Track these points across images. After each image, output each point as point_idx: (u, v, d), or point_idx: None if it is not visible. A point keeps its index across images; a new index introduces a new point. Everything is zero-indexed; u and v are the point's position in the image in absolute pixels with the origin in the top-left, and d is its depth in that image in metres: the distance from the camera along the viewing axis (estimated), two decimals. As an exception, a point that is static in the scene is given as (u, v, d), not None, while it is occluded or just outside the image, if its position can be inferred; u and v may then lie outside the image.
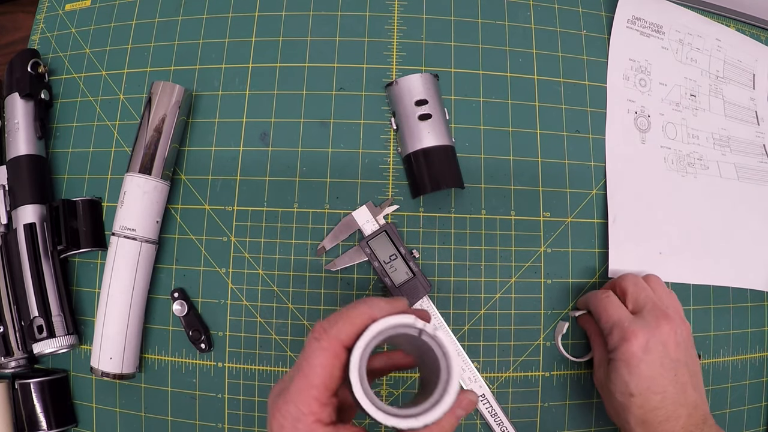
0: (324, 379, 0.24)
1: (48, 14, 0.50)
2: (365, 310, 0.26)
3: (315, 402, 0.24)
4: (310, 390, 0.24)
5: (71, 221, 0.42)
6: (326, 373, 0.24)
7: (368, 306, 0.26)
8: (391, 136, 0.44)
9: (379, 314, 0.26)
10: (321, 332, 0.25)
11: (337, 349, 0.25)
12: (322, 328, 0.25)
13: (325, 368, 0.24)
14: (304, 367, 0.25)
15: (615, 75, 0.46)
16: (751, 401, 0.45)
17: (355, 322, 0.25)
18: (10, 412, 0.40)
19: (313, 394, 0.24)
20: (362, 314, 0.25)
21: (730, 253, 0.45)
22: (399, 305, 0.27)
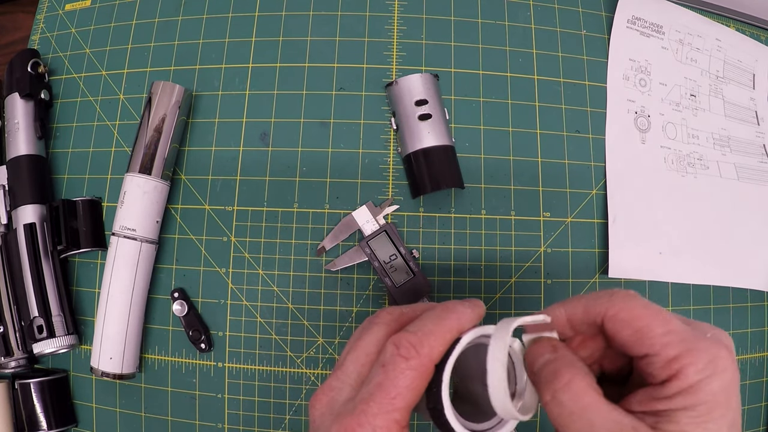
0: (409, 402, 0.22)
1: (48, 14, 0.50)
2: (455, 324, 0.23)
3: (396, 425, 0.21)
4: (393, 413, 0.21)
5: (71, 221, 0.42)
6: (414, 396, 0.22)
7: (457, 318, 0.23)
8: (391, 136, 0.44)
9: (467, 325, 0.24)
10: (410, 350, 0.22)
11: (429, 368, 0.22)
12: (410, 344, 0.22)
13: (413, 390, 0.22)
14: (387, 386, 0.22)
15: (615, 75, 0.46)
16: (751, 401, 0.45)
17: (447, 337, 0.23)
18: (10, 412, 0.40)
19: (395, 418, 0.21)
20: (453, 328, 0.23)
21: (730, 253, 0.45)
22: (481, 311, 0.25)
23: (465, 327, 0.23)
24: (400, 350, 0.22)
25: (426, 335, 0.22)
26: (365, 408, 0.21)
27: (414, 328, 0.23)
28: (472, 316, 0.24)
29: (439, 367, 0.23)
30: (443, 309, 0.24)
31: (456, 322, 0.23)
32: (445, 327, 0.23)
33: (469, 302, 0.25)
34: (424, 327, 0.23)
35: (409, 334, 0.23)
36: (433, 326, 0.23)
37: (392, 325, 0.25)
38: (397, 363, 0.22)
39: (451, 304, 0.24)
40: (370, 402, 0.21)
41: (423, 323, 0.23)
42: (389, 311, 0.26)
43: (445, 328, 0.23)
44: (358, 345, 0.24)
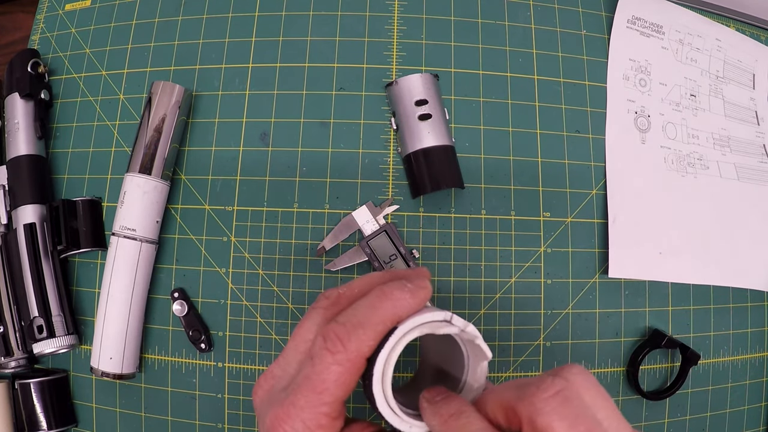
0: (338, 397, 0.21)
1: (48, 14, 0.50)
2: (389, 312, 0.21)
3: (326, 418, 0.21)
4: (321, 407, 0.21)
5: (71, 221, 0.42)
6: (343, 391, 0.21)
7: (392, 304, 0.21)
8: (391, 136, 0.44)
9: (404, 314, 0.22)
10: (337, 344, 0.21)
11: (358, 364, 0.21)
12: (337, 338, 0.21)
13: (341, 385, 0.21)
14: (314, 381, 0.21)
15: (615, 75, 0.46)
16: (751, 401, 0.45)
17: (379, 329, 0.21)
18: (10, 412, 0.40)
19: (324, 411, 0.21)
20: (386, 319, 0.21)
21: (730, 253, 0.45)
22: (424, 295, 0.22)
23: (402, 316, 0.22)
24: (326, 343, 0.21)
25: (354, 328, 0.21)
26: (294, 400, 0.21)
27: (344, 319, 0.22)
28: (411, 303, 0.22)
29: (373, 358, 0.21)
30: (377, 296, 0.22)
31: (390, 311, 0.21)
32: (377, 318, 0.21)
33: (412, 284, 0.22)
34: (354, 318, 0.21)
35: (338, 326, 0.21)
36: (364, 317, 0.21)
37: (331, 309, 0.23)
38: (324, 357, 0.21)
39: (388, 288, 0.22)
40: (298, 394, 0.21)
41: (354, 313, 0.22)
42: (327, 295, 0.24)
43: (377, 319, 0.21)
44: (297, 332, 0.24)
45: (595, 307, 0.43)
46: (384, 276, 0.24)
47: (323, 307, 0.24)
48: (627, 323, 0.43)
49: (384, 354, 0.21)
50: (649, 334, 0.43)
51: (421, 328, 0.22)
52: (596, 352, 0.43)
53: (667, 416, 0.43)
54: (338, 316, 0.22)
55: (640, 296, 0.44)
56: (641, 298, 0.44)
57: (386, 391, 0.21)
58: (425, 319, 0.21)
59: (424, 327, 0.22)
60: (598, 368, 0.43)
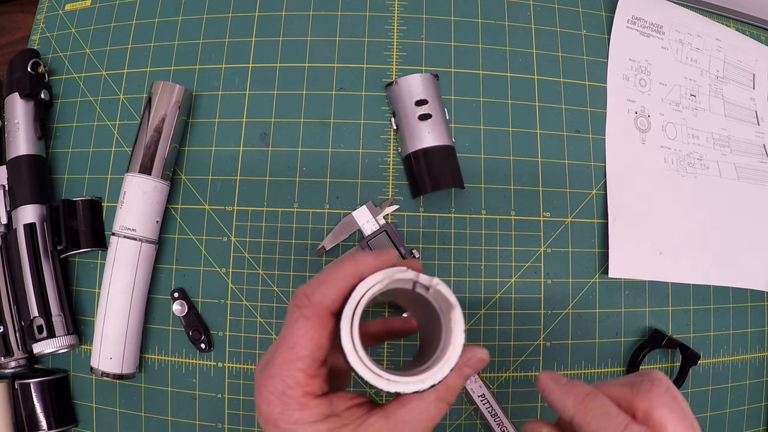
0: (310, 351, 0.22)
1: (48, 14, 0.50)
2: (350, 269, 0.23)
3: (302, 374, 0.22)
4: (296, 362, 0.22)
5: (71, 221, 0.42)
6: (312, 345, 0.22)
7: (353, 263, 0.23)
8: (391, 136, 0.44)
9: (366, 271, 0.23)
10: (303, 299, 0.22)
11: (323, 316, 0.22)
12: (303, 294, 0.23)
13: (310, 339, 0.22)
14: (287, 338, 0.22)
15: (615, 75, 0.46)
16: (751, 401, 0.45)
17: (340, 284, 0.22)
18: (10, 412, 0.40)
19: (299, 366, 0.22)
20: (347, 274, 0.23)
21: (730, 253, 0.45)
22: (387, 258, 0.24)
23: (364, 273, 0.23)
24: (295, 300, 0.23)
25: (319, 283, 0.23)
26: (273, 360, 0.22)
27: (311, 280, 0.23)
28: (373, 262, 0.23)
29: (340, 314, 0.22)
30: (342, 259, 0.24)
31: (351, 268, 0.23)
32: (339, 274, 0.23)
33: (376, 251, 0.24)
34: (319, 277, 0.23)
35: (304, 285, 0.23)
36: (327, 275, 0.23)
37: None
38: (293, 313, 0.23)
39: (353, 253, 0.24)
40: (276, 354, 0.22)
41: (319, 274, 0.23)
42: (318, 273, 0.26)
43: (338, 275, 0.23)
44: None
45: (595, 307, 0.43)
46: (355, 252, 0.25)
47: None
48: (627, 323, 0.43)
49: (350, 306, 0.22)
50: (649, 334, 0.43)
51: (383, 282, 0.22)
52: (596, 352, 0.43)
53: (667, 416, 0.43)
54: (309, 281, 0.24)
55: (640, 296, 0.44)
56: (641, 298, 0.44)
57: (356, 343, 0.22)
58: (385, 273, 0.22)
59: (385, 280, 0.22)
60: (598, 368, 0.43)
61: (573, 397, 0.23)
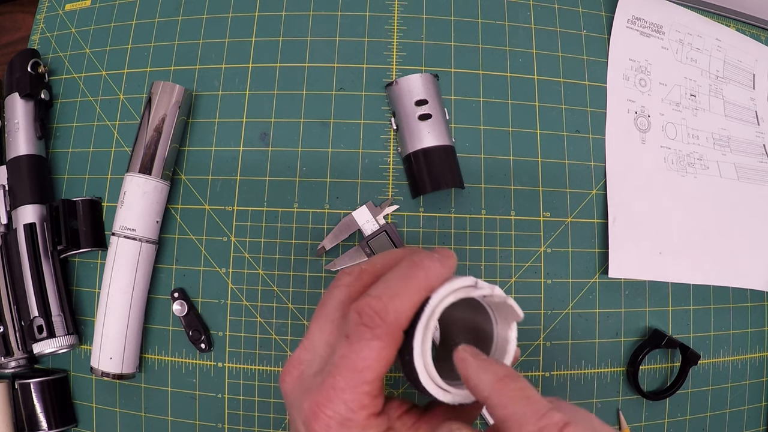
0: (380, 374, 0.20)
1: (48, 14, 0.50)
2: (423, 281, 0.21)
3: (367, 397, 0.20)
4: (362, 386, 0.20)
5: (71, 221, 0.42)
6: (383, 367, 0.20)
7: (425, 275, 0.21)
8: (391, 136, 0.44)
9: (437, 282, 0.21)
10: (374, 318, 0.20)
11: (397, 336, 0.20)
12: (374, 312, 0.20)
13: (382, 362, 0.20)
14: (354, 360, 0.20)
15: (615, 75, 0.46)
16: (751, 401, 0.45)
17: (415, 299, 0.20)
18: (10, 412, 0.40)
19: (365, 390, 0.20)
20: (421, 287, 0.21)
21: (730, 253, 0.45)
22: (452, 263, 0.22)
23: (435, 284, 0.21)
24: (363, 318, 0.20)
25: (391, 299, 0.20)
26: (333, 382, 0.20)
27: (378, 292, 0.21)
28: (442, 271, 0.21)
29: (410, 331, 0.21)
30: (409, 266, 0.21)
31: (424, 280, 0.21)
32: (412, 288, 0.21)
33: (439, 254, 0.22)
34: (389, 290, 0.21)
35: (373, 300, 0.20)
36: (399, 288, 0.21)
37: (354, 285, 0.23)
38: (362, 333, 0.20)
39: (417, 257, 0.22)
40: (337, 376, 0.20)
41: (387, 285, 0.21)
42: (348, 272, 0.23)
43: (413, 289, 0.21)
44: (321, 312, 0.23)
45: (595, 307, 0.43)
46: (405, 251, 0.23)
47: (346, 284, 0.23)
48: (627, 323, 0.43)
49: (422, 324, 0.20)
50: (649, 334, 0.43)
51: (455, 294, 0.21)
52: (596, 352, 0.43)
53: (667, 416, 0.43)
54: (371, 290, 0.21)
55: (640, 296, 0.44)
56: (641, 298, 0.44)
57: (427, 363, 0.20)
58: (457, 285, 0.21)
59: (458, 292, 0.21)
60: (598, 368, 0.43)
61: (491, 375, 0.20)
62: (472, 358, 0.21)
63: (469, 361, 0.21)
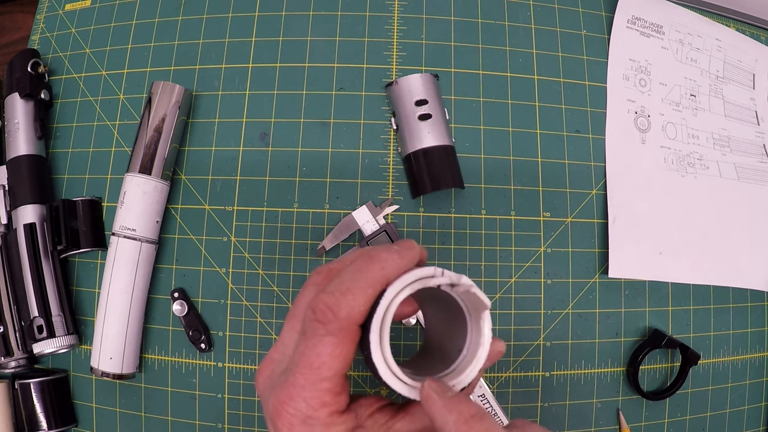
0: (337, 370, 0.20)
1: (48, 14, 0.50)
2: (377, 275, 0.20)
3: (328, 394, 0.20)
4: (321, 383, 0.20)
5: (71, 221, 0.42)
6: (340, 363, 0.20)
7: (380, 266, 0.21)
8: (391, 136, 0.44)
9: (393, 274, 0.21)
10: (326, 313, 0.20)
11: (351, 331, 0.20)
12: (327, 307, 0.20)
13: (337, 357, 0.20)
14: (309, 357, 0.20)
15: (615, 75, 0.46)
16: (751, 401, 0.45)
17: (368, 293, 0.20)
18: (10, 412, 0.40)
19: (325, 387, 0.20)
20: (375, 281, 0.20)
21: (730, 253, 0.45)
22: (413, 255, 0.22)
23: (391, 276, 0.21)
24: (316, 315, 0.20)
25: (343, 294, 0.20)
26: (293, 380, 0.20)
27: (332, 288, 0.21)
28: (400, 263, 0.21)
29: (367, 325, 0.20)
30: (364, 259, 0.21)
31: (378, 273, 0.20)
32: (366, 281, 0.20)
33: (399, 246, 0.22)
34: (342, 285, 0.20)
35: (326, 295, 0.20)
36: (352, 282, 0.20)
37: (323, 284, 0.22)
38: (316, 330, 0.20)
39: (374, 251, 0.21)
40: (296, 374, 0.20)
41: (341, 280, 0.21)
42: (318, 270, 0.23)
43: (366, 282, 0.20)
44: (292, 312, 0.23)
45: (595, 307, 0.43)
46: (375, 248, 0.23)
47: (315, 283, 0.23)
48: (627, 323, 0.43)
49: (378, 318, 0.20)
50: (649, 334, 0.43)
51: (413, 285, 0.21)
52: (596, 352, 0.43)
53: (667, 416, 0.43)
54: (326, 287, 0.21)
55: (640, 296, 0.44)
56: (641, 298, 0.44)
57: (386, 356, 0.20)
58: (415, 276, 0.21)
59: (415, 284, 0.21)
60: (598, 368, 0.43)
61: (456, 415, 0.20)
62: (437, 396, 0.20)
63: (434, 400, 0.20)
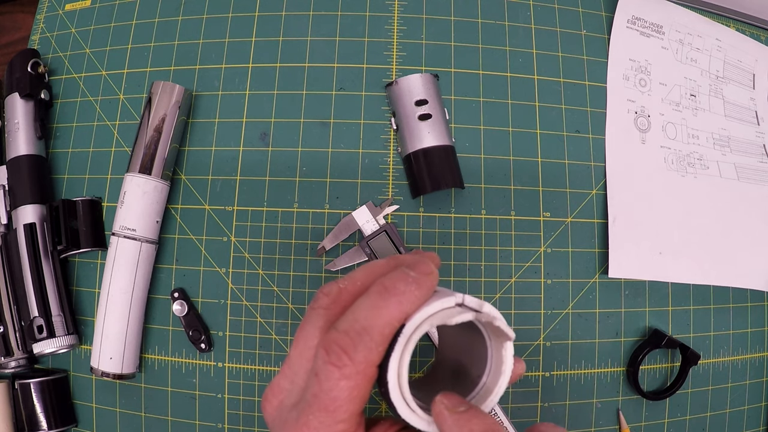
0: (353, 412, 0.19)
1: (48, 14, 0.50)
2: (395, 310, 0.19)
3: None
4: (336, 426, 0.19)
5: (71, 221, 0.42)
6: (355, 405, 0.19)
7: (397, 301, 0.19)
8: (391, 136, 0.44)
9: (412, 309, 0.19)
10: (342, 357, 0.19)
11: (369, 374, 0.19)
12: (342, 350, 0.19)
13: (354, 400, 0.19)
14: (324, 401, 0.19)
15: (615, 75, 0.46)
16: (751, 401, 0.45)
17: (386, 332, 0.19)
18: (10, 412, 0.40)
19: (340, 429, 0.19)
20: (393, 319, 0.19)
21: (730, 253, 0.45)
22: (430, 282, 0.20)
23: (410, 311, 0.19)
24: (330, 357, 0.19)
25: (360, 335, 0.19)
26: (306, 421, 0.19)
27: (345, 326, 0.19)
28: (418, 295, 0.19)
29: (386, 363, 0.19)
30: (379, 293, 0.20)
31: (396, 309, 0.19)
32: (383, 320, 0.19)
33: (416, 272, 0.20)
34: (356, 323, 0.19)
35: (340, 336, 0.19)
36: (367, 321, 0.19)
37: (332, 308, 0.21)
38: (330, 373, 0.19)
39: (389, 281, 0.20)
40: (309, 416, 0.19)
41: (355, 317, 0.19)
42: (326, 291, 0.22)
43: (383, 321, 0.19)
44: (299, 337, 0.22)
45: (595, 307, 0.43)
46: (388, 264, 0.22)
47: (324, 307, 0.22)
48: (627, 323, 0.43)
49: (396, 357, 0.19)
50: (649, 334, 0.43)
51: (432, 319, 0.19)
52: (596, 352, 0.43)
53: (667, 416, 0.43)
54: (338, 323, 0.20)
55: (640, 296, 0.44)
56: (641, 298, 0.44)
57: (405, 395, 0.19)
58: (436, 309, 0.19)
59: (436, 318, 0.19)
60: (598, 368, 0.43)
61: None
62: (449, 413, 0.19)
63: (445, 416, 0.19)
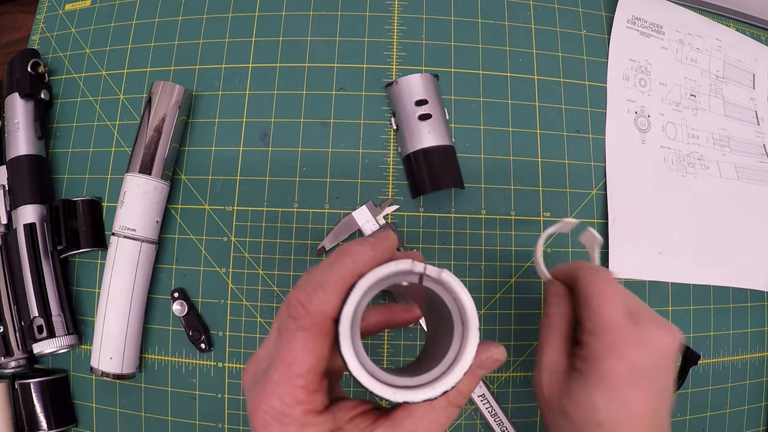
0: (310, 366, 0.20)
1: (48, 14, 0.50)
2: (348, 268, 0.20)
3: (302, 391, 0.20)
4: (295, 380, 0.20)
5: (71, 221, 0.42)
6: (313, 359, 0.20)
7: (351, 259, 0.20)
8: (391, 136, 0.44)
9: (365, 267, 0.20)
10: (298, 309, 0.20)
11: (324, 325, 0.20)
12: (298, 302, 0.20)
13: (310, 353, 0.20)
14: (283, 353, 0.20)
15: (615, 75, 0.46)
16: (751, 401, 0.45)
17: (339, 286, 0.20)
18: (10, 412, 0.40)
19: (298, 384, 0.20)
20: (345, 274, 0.20)
21: (730, 252, 0.45)
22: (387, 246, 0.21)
23: (363, 269, 0.20)
24: (290, 311, 0.20)
25: (315, 289, 0.20)
26: (269, 377, 0.20)
27: (304, 283, 0.21)
28: (371, 254, 0.21)
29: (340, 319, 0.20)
30: (337, 253, 0.21)
31: (350, 266, 0.20)
32: (336, 275, 0.20)
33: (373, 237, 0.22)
34: (314, 280, 0.20)
35: (299, 291, 0.20)
36: (323, 277, 0.20)
37: None
38: (288, 325, 0.20)
39: (347, 245, 0.21)
40: (272, 370, 0.20)
41: (313, 275, 0.21)
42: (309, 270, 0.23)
43: (336, 275, 0.20)
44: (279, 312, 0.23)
45: (595, 307, 0.43)
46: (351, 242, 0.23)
47: None
48: (627, 323, 0.43)
49: (348, 311, 0.20)
50: (649, 334, 0.43)
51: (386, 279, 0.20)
52: (596, 352, 0.43)
53: (667, 416, 0.43)
54: (298, 282, 0.21)
55: (640, 296, 0.44)
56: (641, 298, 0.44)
57: (358, 350, 0.20)
58: (388, 269, 0.20)
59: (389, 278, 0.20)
60: (598, 368, 0.43)
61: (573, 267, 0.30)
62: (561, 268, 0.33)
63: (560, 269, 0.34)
